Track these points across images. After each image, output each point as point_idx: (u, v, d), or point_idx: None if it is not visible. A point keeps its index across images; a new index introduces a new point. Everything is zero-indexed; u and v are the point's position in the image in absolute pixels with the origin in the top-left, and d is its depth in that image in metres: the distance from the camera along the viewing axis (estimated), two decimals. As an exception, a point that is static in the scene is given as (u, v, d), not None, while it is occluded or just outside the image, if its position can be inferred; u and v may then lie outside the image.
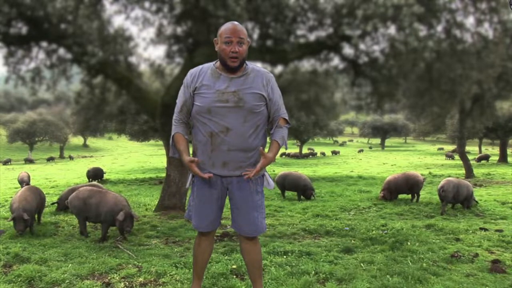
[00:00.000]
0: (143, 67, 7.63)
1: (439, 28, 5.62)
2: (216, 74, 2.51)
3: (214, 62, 2.58)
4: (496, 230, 5.80)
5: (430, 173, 18.94)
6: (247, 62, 2.55)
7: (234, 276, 3.54)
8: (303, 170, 22.11)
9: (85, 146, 62.45)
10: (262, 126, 2.58)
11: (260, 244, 4.85)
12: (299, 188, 9.90)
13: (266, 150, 2.54)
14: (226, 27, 2.45)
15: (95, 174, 16.47)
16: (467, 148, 24.34)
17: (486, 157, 28.38)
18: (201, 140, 2.56)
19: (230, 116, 2.46)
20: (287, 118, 2.64)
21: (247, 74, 2.52)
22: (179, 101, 2.60)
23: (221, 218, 2.79)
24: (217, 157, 2.53)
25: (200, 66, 2.60)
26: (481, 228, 5.94)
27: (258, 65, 2.70)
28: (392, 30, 5.59)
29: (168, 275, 3.56)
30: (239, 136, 2.48)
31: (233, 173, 2.56)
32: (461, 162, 19.69)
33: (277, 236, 5.45)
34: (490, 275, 3.77)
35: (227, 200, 2.71)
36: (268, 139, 2.72)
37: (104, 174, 17.22)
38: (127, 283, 3.39)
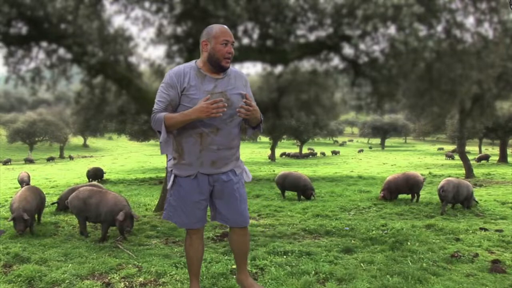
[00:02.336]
0: (143, 67, 7.63)
1: (439, 28, 5.61)
2: (201, 75, 2.55)
3: (194, 62, 2.61)
4: (496, 230, 5.80)
5: (430, 173, 18.94)
6: None
7: (234, 276, 3.53)
8: (303, 170, 22.11)
9: (85, 146, 62.45)
10: (240, 124, 2.71)
11: (260, 243, 4.87)
12: (299, 188, 9.90)
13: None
14: (220, 30, 2.51)
15: (95, 174, 16.48)
16: (467, 148, 24.35)
17: (486, 157, 28.39)
18: (189, 141, 2.57)
19: (219, 116, 2.46)
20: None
21: (228, 75, 2.61)
22: (162, 101, 2.53)
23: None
24: (206, 156, 2.59)
25: (181, 66, 2.59)
26: (481, 228, 5.94)
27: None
28: (392, 30, 5.59)
29: (168, 275, 3.56)
30: (227, 135, 2.59)
31: (220, 170, 2.65)
32: (461, 162, 19.68)
33: (277, 236, 5.45)
34: (490, 275, 3.76)
35: None
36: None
37: (104, 174, 17.23)
38: (127, 283, 3.39)
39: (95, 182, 11.30)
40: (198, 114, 2.40)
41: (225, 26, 2.55)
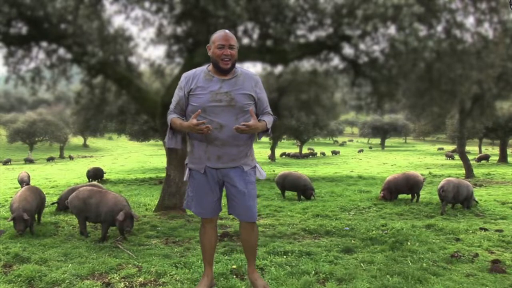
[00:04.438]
0: (143, 67, 7.63)
1: (439, 28, 5.61)
2: (209, 76, 2.78)
3: (206, 66, 2.84)
4: (496, 230, 5.80)
5: (430, 173, 18.94)
6: (236, 65, 2.80)
7: (234, 276, 3.54)
8: (303, 170, 22.11)
9: (85, 146, 62.44)
10: None
11: (260, 243, 4.86)
12: (299, 188, 9.90)
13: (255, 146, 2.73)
14: (218, 34, 2.73)
15: (95, 174, 16.47)
16: (467, 148, 24.35)
17: (486, 157, 28.40)
18: (197, 137, 2.80)
19: (223, 114, 2.71)
20: (271, 113, 2.95)
21: (237, 77, 2.79)
22: (174, 100, 2.87)
23: (221, 205, 3.03)
24: (212, 151, 2.80)
25: (194, 70, 2.87)
26: (481, 228, 5.94)
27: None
28: (392, 30, 5.58)
29: (168, 275, 3.56)
30: (231, 133, 2.71)
31: (227, 165, 2.83)
32: (461, 162, 19.69)
33: (277, 236, 5.45)
34: (490, 275, 3.76)
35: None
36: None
37: (104, 174, 17.22)
38: (127, 283, 3.39)
39: (95, 182, 11.29)
40: (188, 129, 2.67)
41: (226, 31, 2.73)
